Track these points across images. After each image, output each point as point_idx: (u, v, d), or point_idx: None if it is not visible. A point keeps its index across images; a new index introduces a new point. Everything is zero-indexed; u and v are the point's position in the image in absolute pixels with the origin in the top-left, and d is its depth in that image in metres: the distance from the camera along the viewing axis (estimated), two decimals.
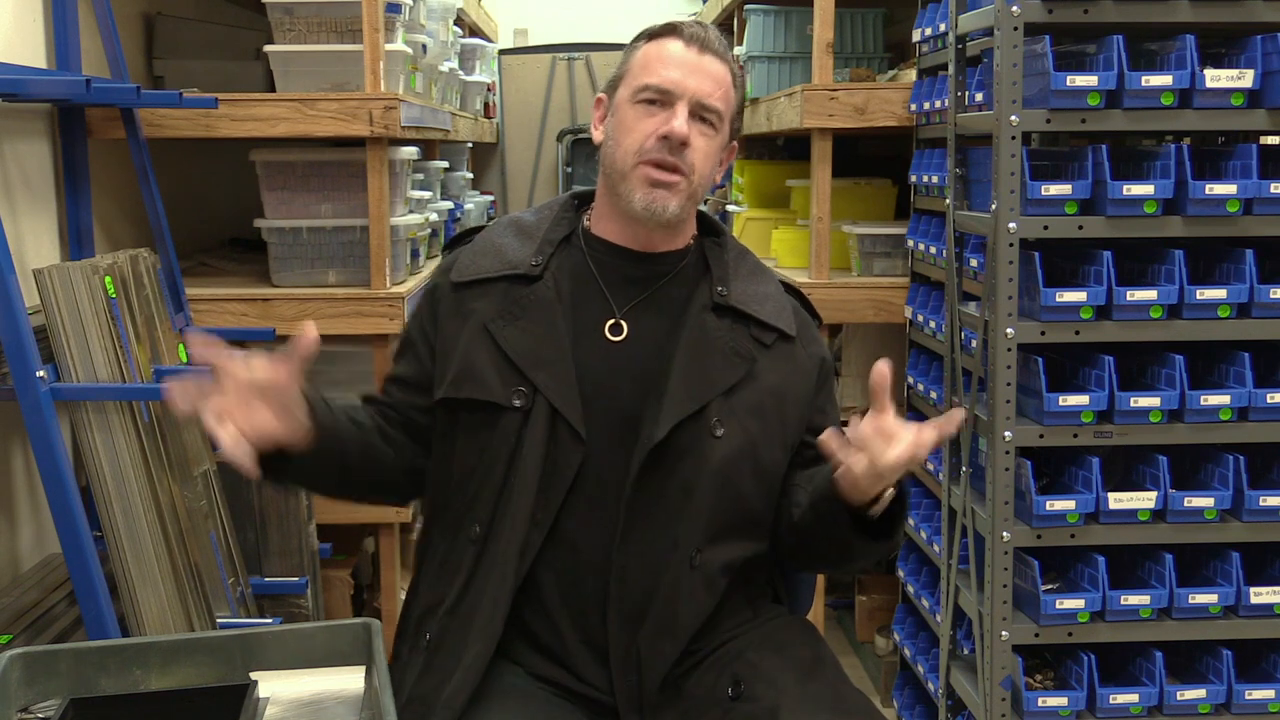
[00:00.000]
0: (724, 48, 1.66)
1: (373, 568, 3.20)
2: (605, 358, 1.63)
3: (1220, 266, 2.28)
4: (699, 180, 1.63)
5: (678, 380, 1.59)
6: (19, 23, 2.39)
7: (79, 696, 1.36)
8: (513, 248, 1.69)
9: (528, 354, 1.60)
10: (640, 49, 1.67)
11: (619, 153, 1.63)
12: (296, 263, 2.84)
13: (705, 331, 1.64)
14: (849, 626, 3.48)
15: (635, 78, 1.64)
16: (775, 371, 1.66)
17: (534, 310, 1.63)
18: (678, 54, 1.62)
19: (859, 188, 3.36)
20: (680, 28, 1.65)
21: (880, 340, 3.13)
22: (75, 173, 2.54)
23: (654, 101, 1.61)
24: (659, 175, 1.60)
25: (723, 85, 1.64)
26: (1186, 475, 2.32)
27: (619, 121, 1.64)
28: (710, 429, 1.59)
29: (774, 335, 1.67)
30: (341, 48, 2.81)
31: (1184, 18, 2.17)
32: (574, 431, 1.58)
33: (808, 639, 1.69)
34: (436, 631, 1.61)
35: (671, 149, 1.59)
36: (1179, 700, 2.25)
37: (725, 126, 1.66)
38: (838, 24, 2.96)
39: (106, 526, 2.11)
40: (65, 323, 2.08)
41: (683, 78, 1.61)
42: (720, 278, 1.68)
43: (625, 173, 1.62)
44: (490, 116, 5.34)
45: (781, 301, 1.72)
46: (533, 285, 1.65)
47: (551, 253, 1.68)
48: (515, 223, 1.74)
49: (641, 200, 1.61)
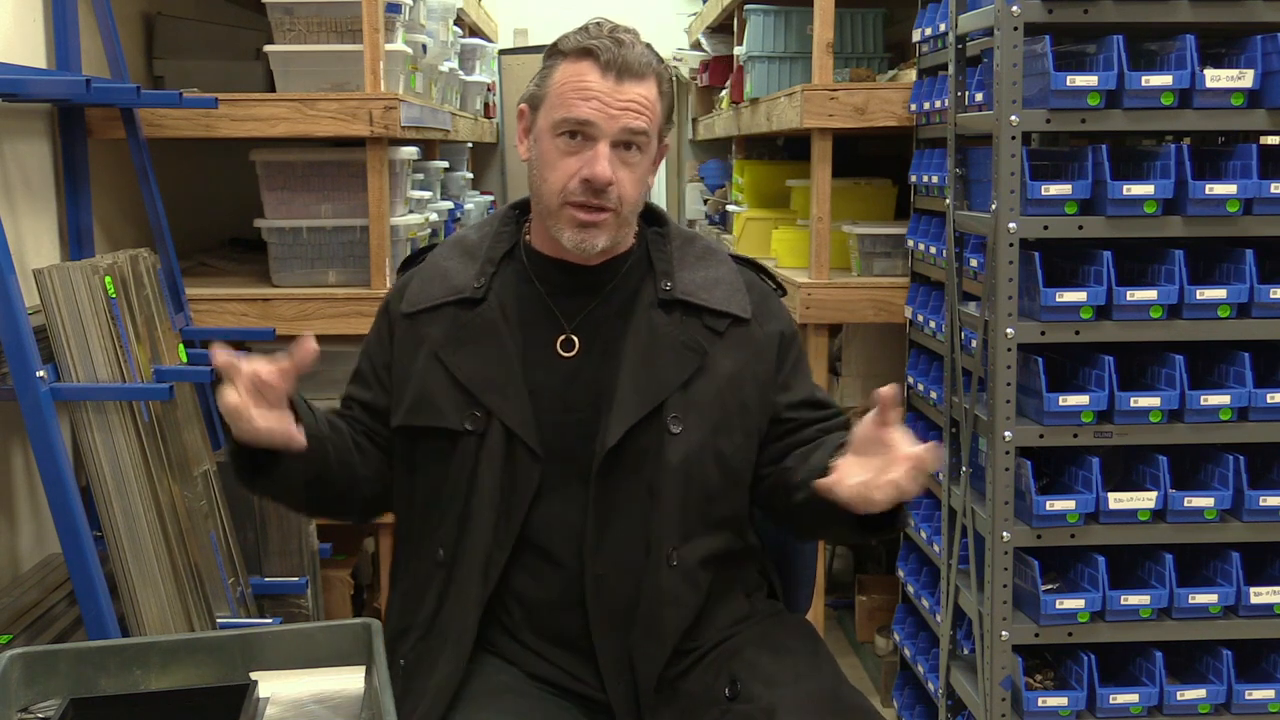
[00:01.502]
0: (644, 62, 1.58)
1: (373, 568, 3.20)
2: (558, 373, 1.62)
3: (1220, 266, 2.28)
4: (629, 208, 1.61)
5: (627, 384, 1.58)
6: (19, 23, 2.39)
7: (79, 696, 1.36)
8: (456, 271, 1.66)
9: (478, 378, 1.59)
10: (556, 69, 1.60)
11: (544, 189, 1.60)
12: (296, 263, 2.84)
13: (653, 330, 1.62)
14: (849, 626, 3.48)
15: (553, 107, 1.58)
16: (730, 358, 1.63)
17: (480, 333, 1.62)
18: (594, 85, 1.56)
19: (859, 188, 3.36)
20: (596, 51, 1.56)
21: (880, 340, 3.13)
22: (75, 173, 2.54)
23: (574, 136, 1.57)
24: (585, 216, 1.57)
25: (646, 108, 1.58)
26: (1186, 475, 2.32)
27: (541, 153, 1.60)
28: (667, 427, 1.58)
29: (727, 321, 1.64)
30: (341, 48, 2.81)
31: (1184, 18, 2.17)
32: (530, 450, 1.57)
33: (805, 638, 1.69)
34: (411, 657, 1.61)
35: (595, 192, 1.56)
36: (1179, 700, 2.25)
37: (653, 140, 1.61)
38: (838, 24, 2.96)
39: (106, 526, 2.11)
40: (65, 323, 2.08)
41: (600, 111, 1.55)
42: (664, 272, 1.66)
43: (553, 210, 1.60)
44: (490, 116, 5.34)
45: (734, 283, 1.68)
46: (478, 308, 1.63)
47: (494, 272, 1.66)
48: (459, 242, 1.72)
49: (571, 239, 1.59)
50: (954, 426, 2.51)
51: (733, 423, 1.63)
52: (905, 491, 1.41)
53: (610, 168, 1.55)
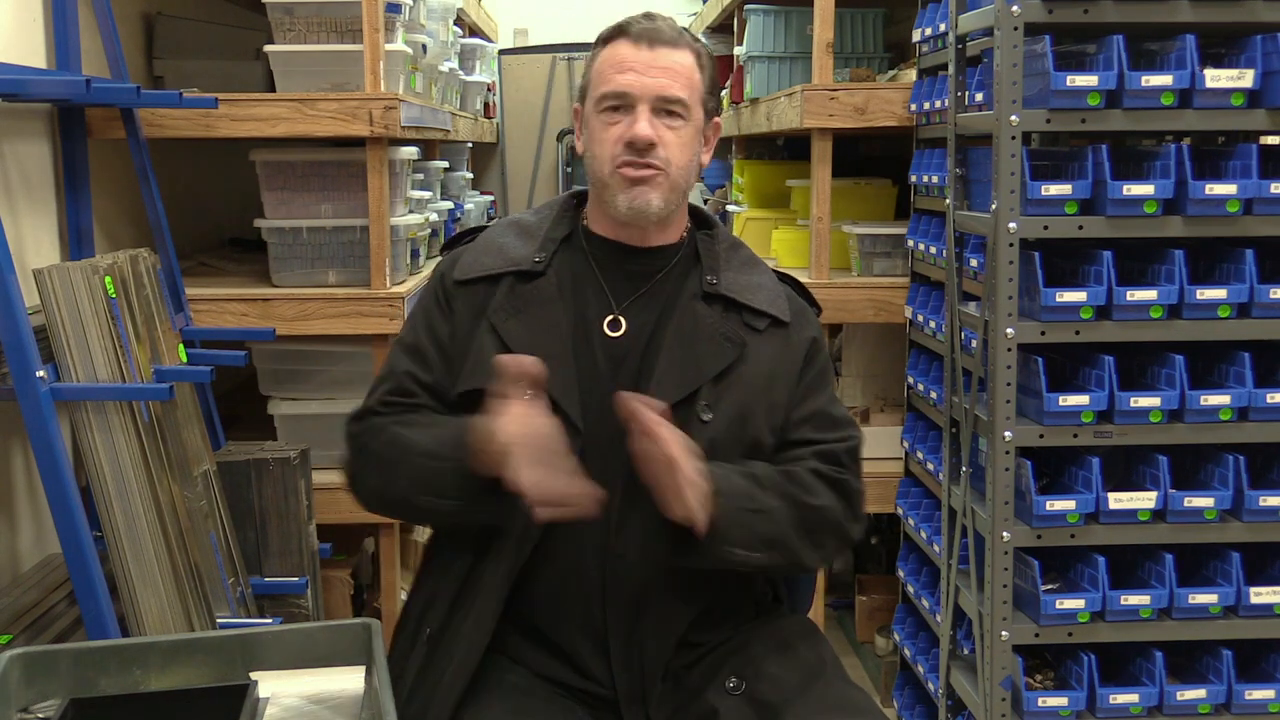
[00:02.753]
0: (677, 35, 1.66)
1: (373, 568, 3.20)
2: (604, 351, 1.66)
3: (1220, 266, 2.28)
4: (677, 171, 1.65)
5: (665, 367, 1.61)
6: (19, 23, 2.39)
7: (79, 696, 1.36)
8: (514, 246, 1.71)
9: (529, 347, 1.62)
10: (597, 56, 1.68)
11: (595, 164, 1.67)
12: (296, 263, 2.84)
13: (695, 319, 1.66)
14: (849, 626, 3.48)
15: (595, 87, 1.67)
16: (766, 355, 1.67)
17: (536, 305, 1.66)
18: (629, 56, 1.63)
19: (859, 188, 3.36)
20: (627, 27, 1.66)
21: (880, 340, 3.13)
22: (75, 173, 2.54)
23: (616, 108, 1.64)
24: (635, 173, 1.63)
25: (681, 74, 1.64)
26: (1186, 475, 2.32)
27: (590, 133, 1.68)
28: (698, 413, 1.61)
29: (767, 321, 1.69)
30: (341, 48, 2.81)
31: (1184, 18, 2.17)
32: (571, 423, 1.59)
33: (810, 639, 1.70)
34: (437, 625, 1.62)
35: (640, 152, 1.62)
36: (1179, 700, 2.25)
37: (695, 110, 1.66)
38: (838, 24, 2.96)
39: (106, 526, 2.11)
40: (65, 323, 2.08)
41: (637, 79, 1.62)
42: (710, 267, 1.71)
43: (605, 181, 1.65)
44: (490, 116, 5.34)
45: (775, 291, 1.74)
46: (535, 281, 1.67)
47: (554, 250, 1.71)
48: (516, 223, 1.76)
49: (624, 201, 1.64)
50: (954, 426, 2.51)
51: (759, 418, 1.66)
52: (677, 489, 1.47)
53: (652, 128, 1.61)
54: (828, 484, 1.64)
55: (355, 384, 2.88)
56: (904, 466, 2.97)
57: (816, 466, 1.65)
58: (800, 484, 1.62)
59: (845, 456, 1.69)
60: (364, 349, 2.84)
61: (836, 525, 1.65)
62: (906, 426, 2.92)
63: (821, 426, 1.70)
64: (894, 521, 3.03)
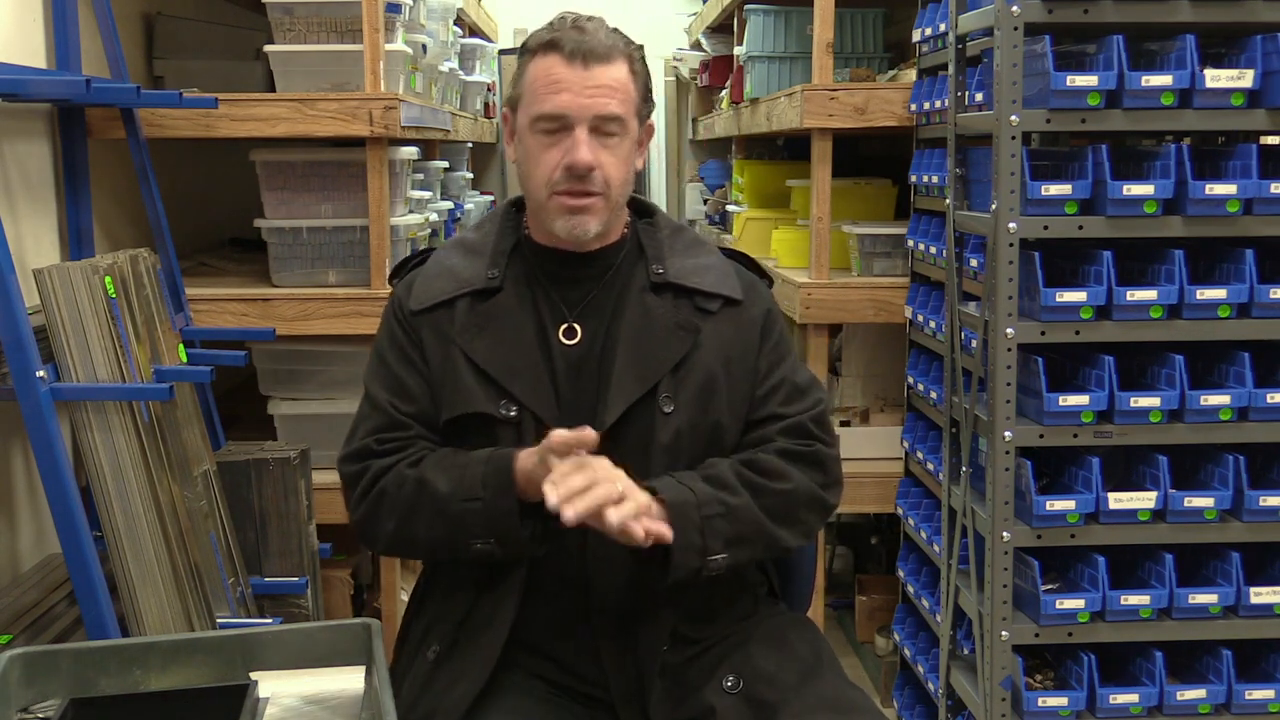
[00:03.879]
0: (610, 45, 1.61)
1: (373, 568, 3.20)
2: (564, 360, 1.65)
3: (1220, 266, 2.28)
4: (616, 190, 1.63)
5: (623, 366, 1.61)
6: (19, 23, 2.39)
7: (79, 696, 1.36)
8: (464, 266, 1.69)
9: (500, 365, 1.62)
10: (527, 68, 1.63)
11: (531, 185, 1.64)
12: (296, 263, 2.84)
13: (646, 312, 1.65)
14: (849, 626, 3.48)
15: (529, 104, 1.62)
16: (721, 338, 1.66)
17: (498, 320, 1.64)
18: (563, 75, 1.59)
19: (859, 188, 3.35)
20: (560, 41, 1.60)
21: (880, 340, 3.13)
22: (75, 173, 2.54)
23: (552, 130, 1.60)
24: (574, 202, 1.61)
25: (618, 89, 1.60)
26: (1186, 475, 2.32)
27: (525, 150, 1.64)
28: (660, 405, 1.61)
29: (719, 302, 1.68)
30: (341, 48, 2.81)
31: (1184, 18, 2.17)
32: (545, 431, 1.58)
33: (809, 637, 1.70)
34: (445, 644, 1.62)
35: (579, 178, 1.59)
36: (1179, 700, 2.25)
37: (631, 123, 1.64)
38: (838, 24, 2.96)
39: (106, 526, 2.11)
40: (65, 323, 2.08)
41: (573, 99, 1.58)
42: (655, 257, 1.69)
43: (542, 203, 1.63)
44: (490, 116, 5.33)
45: (723, 269, 1.72)
46: (494, 297, 1.66)
47: (505, 263, 1.69)
48: (460, 243, 1.74)
49: (563, 228, 1.62)
50: (954, 426, 2.51)
51: (720, 401, 1.65)
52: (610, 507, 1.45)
53: (591, 152, 1.58)
54: (796, 460, 1.64)
55: (355, 384, 2.88)
56: (904, 466, 2.97)
57: (783, 445, 1.64)
58: (766, 471, 1.61)
59: (813, 426, 1.67)
60: (364, 349, 2.82)
61: (811, 498, 1.64)
62: (906, 426, 2.92)
63: (788, 398, 1.69)
64: (894, 521, 3.03)
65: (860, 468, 2.98)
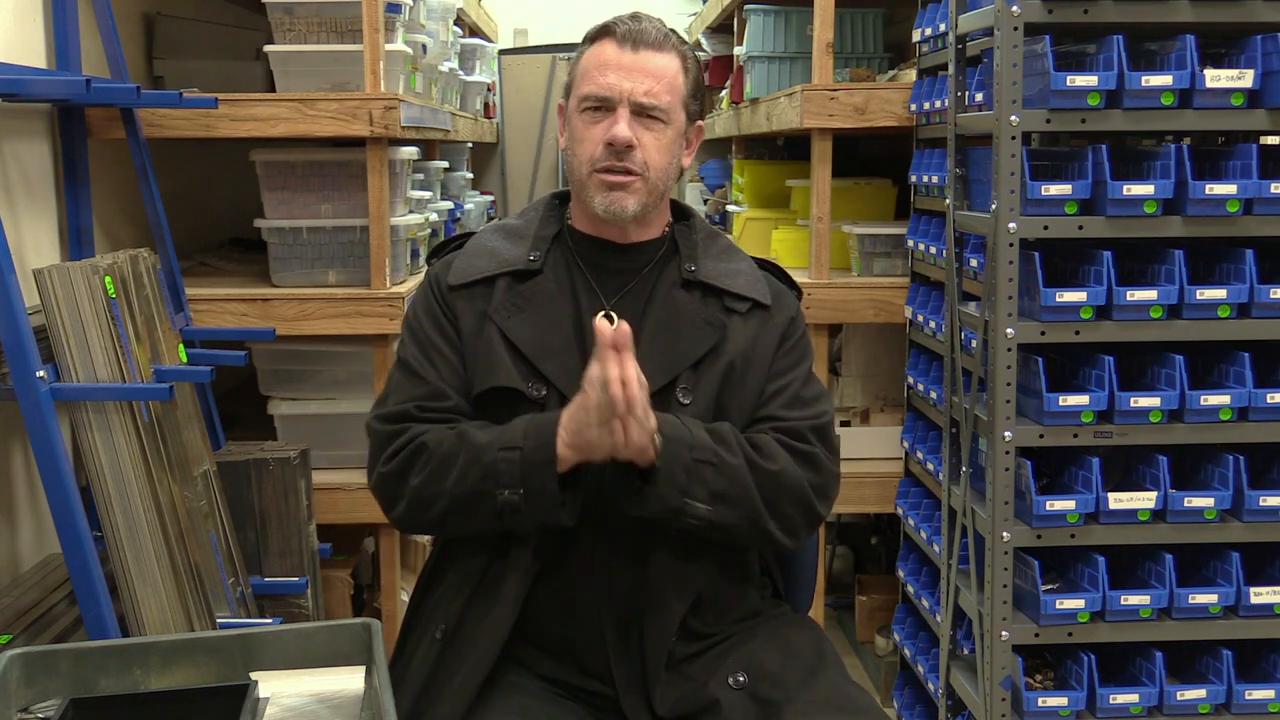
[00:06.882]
0: (663, 38, 1.66)
1: (373, 568, 3.20)
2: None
3: (1220, 266, 2.28)
4: (656, 174, 1.66)
5: (646, 356, 1.61)
6: (19, 23, 2.39)
7: (79, 696, 1.36)
8: (505, 248, 1.72)
9: (534, 344, 1.64)
10: (582, 55, 1.69)
11: (575, 163, 1.68)
12: (296, 263, 2.84)
13: (675, 306, 1.68)
14: (849, 626, 3.48)
15: (578, 86, 1.68)
16: (746, 337, 1.69)
17: (536, 302, 1.67)
18: (612, 57, 1.64)
19: (859, 188, 3.35)
20: (613, 27, 1.66)
21: (880, 340, 3.13)
22: (75, 173, 2.54)
23: (597, 109, 1.64)
24: (612, 179, 1.64)
25: (664, 78, 1.65)
26: (1186, 475, 2.32)
27: (572, 131, 1.69)
28: (678, 397, 1.63)
29: (747, 304, 1.71)
30: (341, 48, 2.81)
31: (1184, 18, 2.17)
32: None
33: (812, 637, 1.71)
34: (452, 623, 1.62)
35: (618, 154, 1.63)
36: (1179, 700, 2.25)
37: (677, 114, 1.67)
38: (838, 24, 2.96)
39: (106, 526, 2.11)
40: (65, 323, 2.08)
41: (618, 81, 1.63)
42: (689, 256, 1.73)
43: (583, 181, 1.67)
44: (490, 116, 5.34)
45: (754, 275, 1.75)
46: (533, 279, 1.69)
47: (547, 248, 1.72)
48: (502, 227, 1.78)
49: (601, 204, 1.66)
50: (954, 426, 2.51)
51: (734, 399, 1.67)
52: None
53: (631, 130, 1.62)
54: (789, 453, 1.64)
55: (355, 384, 2.88)
56: (904, 466, 2.97)
57: (779, 438, 1.65)
58: (758, 446, 1.62)
59: (810, 433, 1.68)
60: (364, 349, 2.84)
61: (799, 494, 1.63)
62: (906, 426, 2.92)
63: (790, 404, 1.69)
64: (894, 521, 3.03)
65: (860, 468, 2.99)
